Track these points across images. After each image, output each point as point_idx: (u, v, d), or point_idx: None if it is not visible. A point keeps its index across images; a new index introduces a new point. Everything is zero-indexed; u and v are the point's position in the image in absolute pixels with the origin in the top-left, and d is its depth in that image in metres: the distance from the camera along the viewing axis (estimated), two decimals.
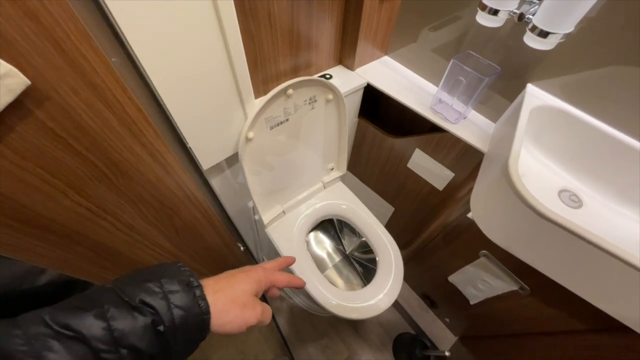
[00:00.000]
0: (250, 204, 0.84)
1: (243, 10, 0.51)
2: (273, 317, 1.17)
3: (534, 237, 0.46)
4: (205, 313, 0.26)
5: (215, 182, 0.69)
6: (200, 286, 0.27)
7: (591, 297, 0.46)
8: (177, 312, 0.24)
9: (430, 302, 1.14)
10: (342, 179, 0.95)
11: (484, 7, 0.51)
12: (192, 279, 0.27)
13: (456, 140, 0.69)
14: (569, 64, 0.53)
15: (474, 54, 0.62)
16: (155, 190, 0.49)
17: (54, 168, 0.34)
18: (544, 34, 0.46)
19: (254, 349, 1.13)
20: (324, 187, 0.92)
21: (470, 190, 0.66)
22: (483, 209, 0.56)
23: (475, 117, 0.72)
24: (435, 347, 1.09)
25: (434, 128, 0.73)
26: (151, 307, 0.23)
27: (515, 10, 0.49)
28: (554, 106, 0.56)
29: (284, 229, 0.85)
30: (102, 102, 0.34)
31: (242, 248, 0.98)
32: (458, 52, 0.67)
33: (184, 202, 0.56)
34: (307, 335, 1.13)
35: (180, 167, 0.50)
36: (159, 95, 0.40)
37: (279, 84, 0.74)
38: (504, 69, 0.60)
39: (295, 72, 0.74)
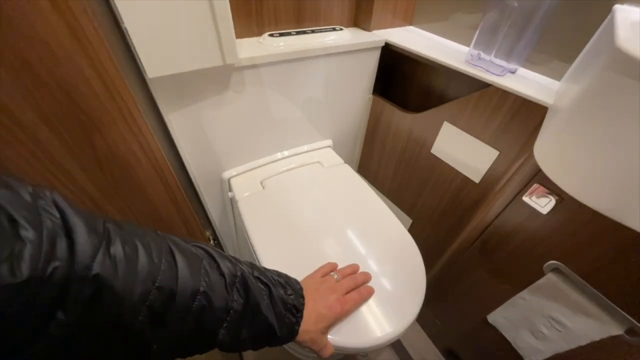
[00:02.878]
0: (225, 175, 0.67)
1: None
2: None
3: None
4: (292, 339, 0.37)
5: (176, 122, 0.53)
6: (302, 316, 0.37)
7: None
8: (284, 329, 0.34)
9: None
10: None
11: None
12: (302, 308, 0.37)
13: (503, 96, 0.50)
14: None
15: None
16: (57, 66, 0.34)
17: None
18: None
19: None
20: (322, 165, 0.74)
21: (520, 170, 0.44)
22: (565, 151, 0.34)
23: (526, 74, 0.54)
24: None
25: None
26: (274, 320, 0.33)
27: None
28: None
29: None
30: None
31: (211, 241, 0.77)
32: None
33: (110, 113, 0.40)
34: None
35: (104, 46, 0.36)
36: None
37: (277, 28, 0.63)
38: None
39: (299, 20, 0.63)
